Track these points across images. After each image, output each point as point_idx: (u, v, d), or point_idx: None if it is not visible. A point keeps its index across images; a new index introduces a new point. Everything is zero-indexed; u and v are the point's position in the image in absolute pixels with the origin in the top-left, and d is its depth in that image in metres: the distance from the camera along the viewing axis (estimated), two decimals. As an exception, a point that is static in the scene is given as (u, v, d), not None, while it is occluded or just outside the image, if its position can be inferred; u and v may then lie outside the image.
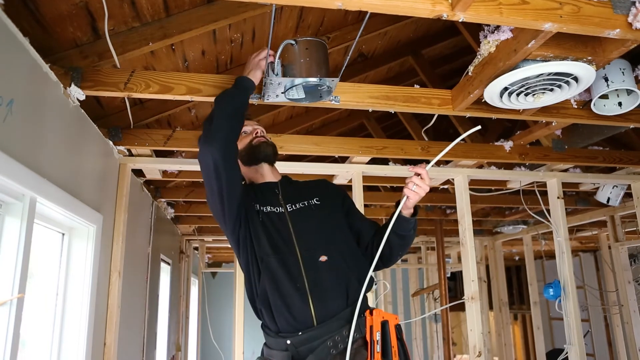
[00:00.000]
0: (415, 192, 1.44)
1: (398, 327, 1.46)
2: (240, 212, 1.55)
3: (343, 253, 1.53)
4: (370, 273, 1.46)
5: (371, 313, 1.42)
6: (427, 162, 1.53)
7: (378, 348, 1.37)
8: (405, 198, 1.46)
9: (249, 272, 1.54)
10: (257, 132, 1.73)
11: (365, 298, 1.52)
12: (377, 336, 1.38)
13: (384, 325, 1.41)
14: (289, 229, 1.53)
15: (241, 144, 1.69)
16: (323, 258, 1.48)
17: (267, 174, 1.71)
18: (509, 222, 4.85)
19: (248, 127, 1.74)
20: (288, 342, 1.42)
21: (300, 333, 1.41)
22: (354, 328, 1.38)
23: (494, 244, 5.76)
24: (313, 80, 1.65)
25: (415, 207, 1.52)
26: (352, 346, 1.37)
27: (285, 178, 1.75)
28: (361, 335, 1.41)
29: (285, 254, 1.49)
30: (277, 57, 1.65)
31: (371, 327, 1.40)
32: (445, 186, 3.45)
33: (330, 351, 1.37)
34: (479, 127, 1.50)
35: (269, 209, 1.58)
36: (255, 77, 1.66)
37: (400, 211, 1.49)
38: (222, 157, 1.47)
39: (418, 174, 1.44)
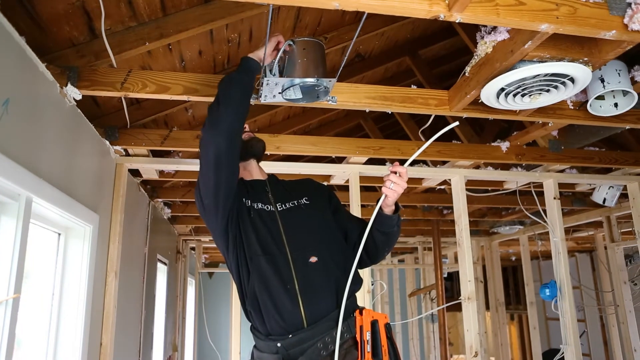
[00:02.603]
0: (393, 190, 1.43)
1: (387, 326, 1.45)
2: (233, 208, 1.51)
3: (332, 253, 1.51)
4: (352, 273, 1.45)
5: (361, 313, 1.41)
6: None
7: (368, 348, 1.37)
8: (383, 196, 1.46)
9: (238, 272, 1.50)
10: (245, 128, 1.72)
11: (354, 298, 1.51)
12: (367, 336, 1.38)
13: (374, 324, 1.40)
14: (279, 229, 1.51)
15: None
16: (313, 259, 1.46)
17: (254, 171, 1.70)
18: (506, 222, 4.86)
19: None
20: (278, 344, 1.40)
21: (290, 335, 1.39)
22: (340, 330, 1.36)
23: (491, 244, 5.77)
24: (310, 80, 1.65)
25: (397, 204, 1.51)
26: (342, 347, 1.36)
27: (273, 177, 1.73)
28: (351, 335, 1.40)
29: (275, 254, 1.46)
30: (275, 58, 1.65)
31: (361, 327, 1.39)
32: (442, 186, 3.46)
33: (321, 352, 1.36)
34: (457, 123, 1.51)
35: (259, 205, 1.55)
36: (260, 53, 1.60)
37: (381, 209, 1.49)
38: (227, 147, 1.43)
39: (395, 172, 1.44)
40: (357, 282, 1.52)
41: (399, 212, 1.53)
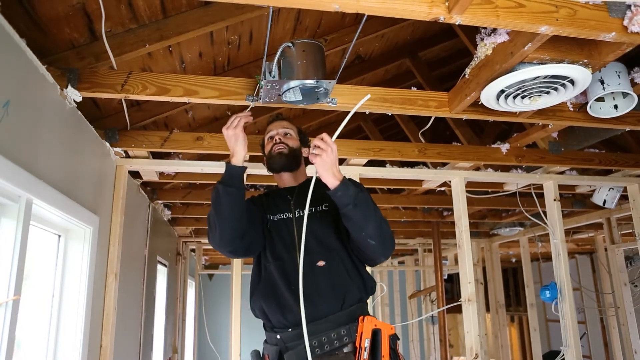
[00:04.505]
0: (316, 154, 1.39)
1: (393, 337, 1.46)
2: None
3: (344, 259, 1.55)
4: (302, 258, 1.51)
5: (364, 320, 1.43)
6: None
7: (365, 355, 1.39)
8: (316, 173, 1.43)
9: (257, 273, 1.64)
10: (275, 139, 1.73)
11: (365, 304, 1.55)
12: (366, 343, 1.40)
13: (376, 333, 1.42)
14: (293, 235, 1.59)
15: (265, 149, 1.78)
16: (321, 263, 1.52)
17: (287, 180, 1.76)
18: (506, 224, 4.86)
19: (273, 132, 1.77)
20: (278, 337, 1.50)
21: (290, 330, 1.48)
22: (340, 333, 1.43)
23: (491, 245, 5.76)
24: (310, 82, 1.65)
25: (347, 182, 1.41)
26: (341, 350, 1.42)
27: (307, 182, 1.68)
28: (351, 340, 1.43)
29: (286, 260, 1.56)
30: (275, 60, 1.64)
31: (361, 333, 1.42)
32: (442, 188, 3.46)
33: (315, 351, 1.40)
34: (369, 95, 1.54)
35: (278, 217, 1.65)
36: (241, 151, 1.61)
37: (329, 190, 1.41)
38: (233, 253, 1.59)
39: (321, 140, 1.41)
40: (364, 290, 1.55)
41: (349, 188, 1.40)
